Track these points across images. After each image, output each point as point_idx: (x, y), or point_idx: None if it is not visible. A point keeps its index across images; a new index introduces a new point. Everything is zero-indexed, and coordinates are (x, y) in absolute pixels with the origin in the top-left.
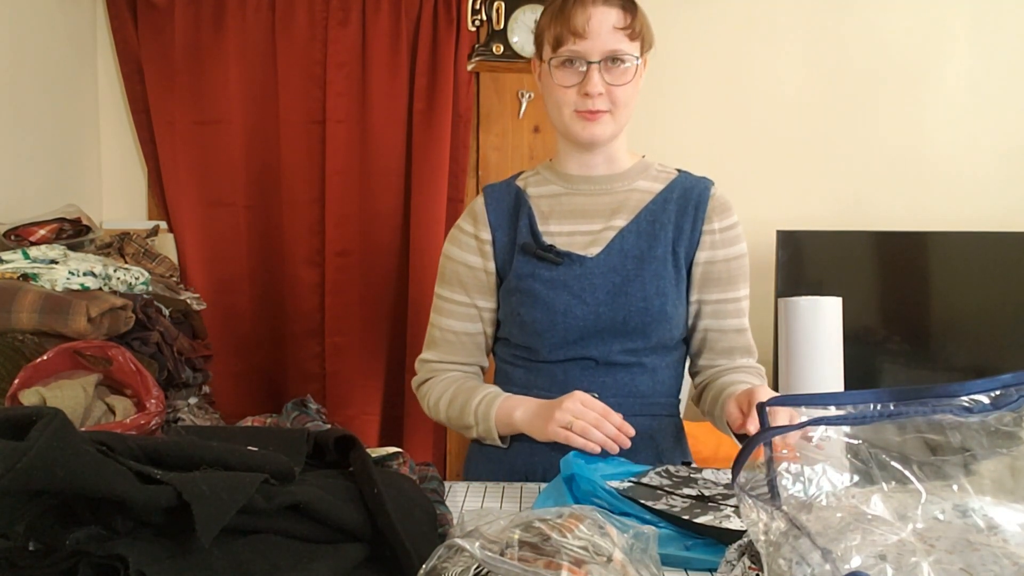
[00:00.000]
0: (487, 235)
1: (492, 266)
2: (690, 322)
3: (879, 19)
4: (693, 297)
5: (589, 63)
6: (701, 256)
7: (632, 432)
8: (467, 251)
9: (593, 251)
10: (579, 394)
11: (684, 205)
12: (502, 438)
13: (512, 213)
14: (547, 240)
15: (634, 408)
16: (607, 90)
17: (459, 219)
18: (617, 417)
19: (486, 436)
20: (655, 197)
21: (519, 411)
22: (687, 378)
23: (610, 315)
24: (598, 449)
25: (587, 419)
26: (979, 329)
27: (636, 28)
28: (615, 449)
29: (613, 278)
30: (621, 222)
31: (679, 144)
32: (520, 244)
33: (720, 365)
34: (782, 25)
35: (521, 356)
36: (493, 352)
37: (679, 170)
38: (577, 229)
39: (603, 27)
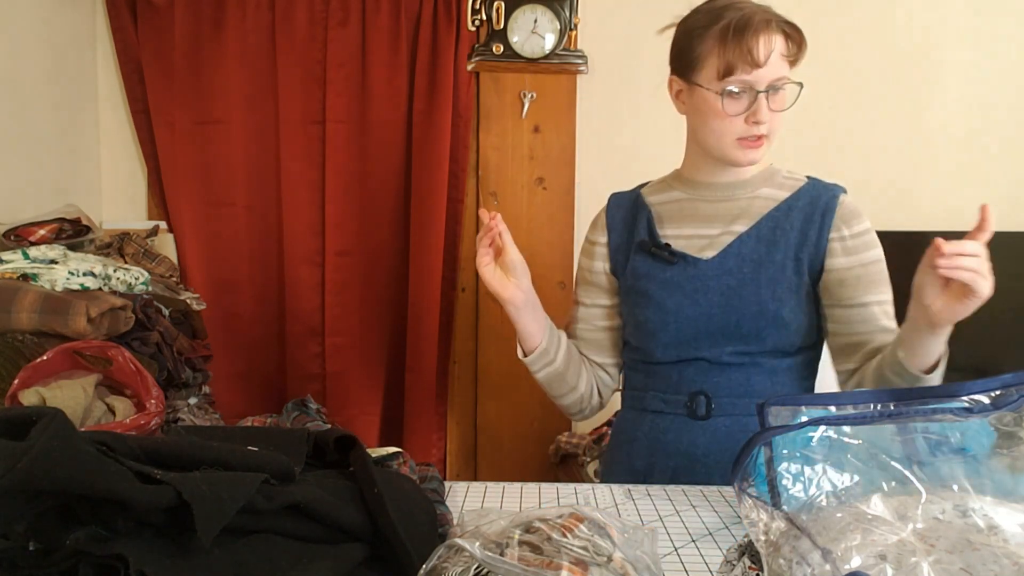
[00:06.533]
0: (602, 237)
1: (603, 266)
2: (831, 327)
3: (879, 18)
4: (828, 303)
5: (758, 92)
6: (832, 263)
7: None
8: (585, 254)
9: (708, 254)
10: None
11: (811, 212)
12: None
13: (629, 216)
14: (664, 242)
15: (749, 408)
16: (769, 116)
17: None
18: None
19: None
20: (779, 204)
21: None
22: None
23: (722, 317)
24: (490, 257)
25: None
26: (979, 329)
27: (799, 56)
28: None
29: (728, 280)
30: (741, 228)
31: (680, 144)
32: (637, 242)
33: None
34: None
35: (639, 359)
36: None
37: (809, 177)
38: (695, 233)
39: (773, 56)
